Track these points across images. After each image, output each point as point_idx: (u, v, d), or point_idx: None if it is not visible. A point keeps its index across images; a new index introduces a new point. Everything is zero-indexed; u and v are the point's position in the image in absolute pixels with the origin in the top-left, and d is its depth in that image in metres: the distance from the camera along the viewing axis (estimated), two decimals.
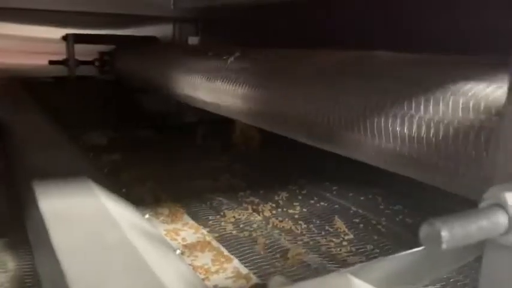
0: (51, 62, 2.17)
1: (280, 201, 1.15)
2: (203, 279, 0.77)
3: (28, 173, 0.98)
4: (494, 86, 0.58)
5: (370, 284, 0.44)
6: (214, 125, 1.71)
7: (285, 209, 1.10)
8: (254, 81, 1.03)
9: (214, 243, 0.91)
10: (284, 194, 1.19)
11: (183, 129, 1.88)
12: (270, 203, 1.13)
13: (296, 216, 1.06)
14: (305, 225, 1.01)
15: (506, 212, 0.39)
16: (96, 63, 2.28)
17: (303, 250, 0.89)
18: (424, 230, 0.35)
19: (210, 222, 1.02)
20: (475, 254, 0.46)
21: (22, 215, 0.93)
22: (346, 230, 0.99)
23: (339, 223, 1.02)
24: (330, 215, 1.07)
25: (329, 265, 0.85)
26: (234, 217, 1.04)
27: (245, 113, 1.07)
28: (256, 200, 1.15)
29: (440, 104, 0.60)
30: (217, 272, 0.80)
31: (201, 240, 0.92)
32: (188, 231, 0.96)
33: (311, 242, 0.93)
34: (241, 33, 1.96)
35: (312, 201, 1.16)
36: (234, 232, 0.97)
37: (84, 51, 2.22)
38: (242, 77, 1.08)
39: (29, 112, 1.67)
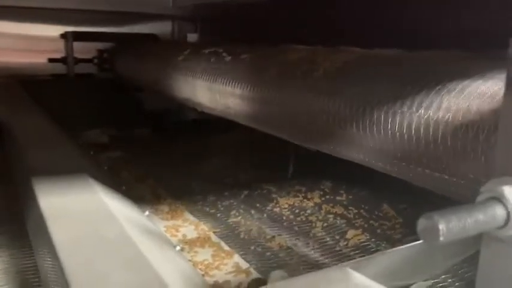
0: (50, 60, 2.17)
1: (327, 190, 1.18)
2: (203, 275, 0.77)
3: (27, 171, 0.97)
4: (492, 81, 0.58)
5: (370, 278, 0.44)
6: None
7: (332, 196, 1.14)
8: (249, 81, 1.02)
9: (215, 238, 0.91)
10: (328, 184, 1.22)
11: (184, 127, 1.88)
12: (318, 191, 1.16)
13: (345, 202, 1.10)
14: (356, 211, 1.05)
15: (504, 205, 0.39)
16: (95, 61, 2.27)
17: (360, 232, 0.93)
18: (421, 224, 0.35)
19: (268, 208, 1.08)
20: (474, 249, 0.46)
21: (22, 212, 0.93)
22: (395, 214, 1.02)
23: (387, 208, 1.05)
24: (376, 201, 1.10)
25: (387, 246, 0.88)
26: (287, 203, 1.09)
27: (240, 114, 1.07)
28: (303, 189, 1.18)
29: (439, 101, 0.60)
30: (217, 267, 0.80)
31: (201, 236, 0.92)
32: (188, 227, 0.97)
33: (365, 225, 0.97)
34: (239, 30, 1.96)
35: (356, 190, 1.18)
36: (291, 216, 1.03)
37: (83, 49, 2.22)
38: (237, 77, 1.07)
39: (27, 110, 1.66)
